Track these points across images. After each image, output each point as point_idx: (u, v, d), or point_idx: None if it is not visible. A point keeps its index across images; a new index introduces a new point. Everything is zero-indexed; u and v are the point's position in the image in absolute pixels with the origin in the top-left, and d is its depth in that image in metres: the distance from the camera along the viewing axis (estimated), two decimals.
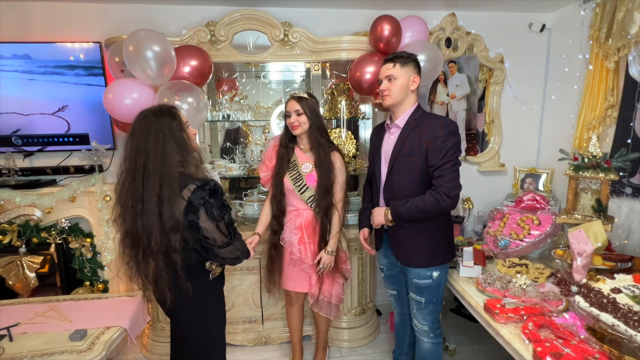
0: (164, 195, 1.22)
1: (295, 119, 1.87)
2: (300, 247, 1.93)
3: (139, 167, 1.24)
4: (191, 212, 1.25)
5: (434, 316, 1.78)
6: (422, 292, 1.75)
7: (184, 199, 1.24)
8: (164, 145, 1.26)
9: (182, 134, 1.33)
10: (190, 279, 1.31)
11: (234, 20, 2.28)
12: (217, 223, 1.29)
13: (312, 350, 2.35)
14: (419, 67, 1.70)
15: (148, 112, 1.32)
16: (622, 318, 1.18)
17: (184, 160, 1.31)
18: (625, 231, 2.08)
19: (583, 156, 1.88)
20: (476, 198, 2.87)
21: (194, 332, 1.45)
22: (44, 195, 2.37)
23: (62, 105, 2.54)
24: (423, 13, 2.66)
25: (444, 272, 1.75)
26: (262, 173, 2.04)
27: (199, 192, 1.26)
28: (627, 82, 2.17)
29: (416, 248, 1.71)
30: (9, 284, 2.47)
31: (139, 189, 1.24)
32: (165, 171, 1.24)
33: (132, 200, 1.25)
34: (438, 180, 1.58)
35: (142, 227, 1.25)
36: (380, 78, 1.72)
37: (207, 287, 1.44)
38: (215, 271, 1.44)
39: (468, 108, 2.92)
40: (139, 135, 1.27)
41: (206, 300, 1.44)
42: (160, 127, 1.27)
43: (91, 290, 2.55)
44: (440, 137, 1.58)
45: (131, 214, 1.26)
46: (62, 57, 2.47)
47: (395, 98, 1.68)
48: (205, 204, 1.27)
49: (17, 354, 1.53)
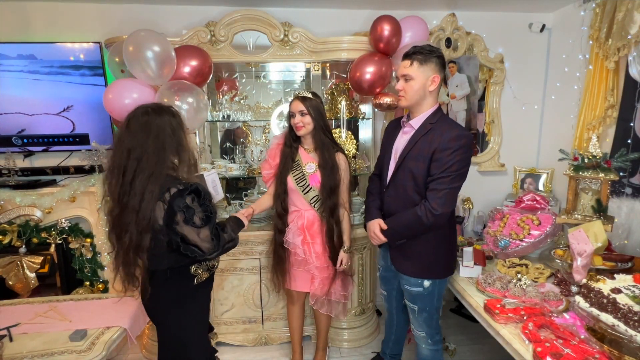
0: (146, 193, 1.19)
1: (299, 120, 1.86)
2: (304, 248, 1.93)
3: (132, 163, 1.21)
4: (170, 217, 1.22)
5: (430, 324, 1.75)
6: (414, 300, 1.73)
7: (164, 202, 1.22)
8: (163, 143, 1.23)
9: (181, 133, 1.30)
10: (172, 283, 1.28)
11: (234, 20, 2.28)
12: (197, 231, 1.24)
13: (312, 350, 2.35)
14: (442, 64, 1.56)
15: (148, 108, 1.28)
16: (622, 318, 1.18)
17: (179, 161, 1.28)
18: (625, 231, 2.08)
19: (583, 156, 1.88)
20: (476, 198, 2.87)
21: (172, 338, 1.40)
22: (44, 195, 2.37)
23: (67, 105, 2.54)
24: (423, 13, 2.66)
25: (437, 282, 1.69)
26: (265, 171, 2.04)
27: (178, 197, 1.22)
28: (627, 82, 2.17)
29: (414, 256, 1.68)
30: (9, 284, 2.47)
31: (127, 184, 1.21)
32: (157, 170, 1.22)
33: (120, 195, 1.23)
34: (430, 193, 1.53)
35: (125, 222, 1.23)
36: (397, 75, 1.62)
37: (190, 292, 1.39)
38: (201, 276, 1.39)
39: (468, 108, 2.92)
40: (137, 131, 1.23)
41: (187, 306, 1.38)
42: (162, 124, 1.25)
43: (91, 290, 2.55)
44: (450, 149, 1.49)
45: (117, 208, 1.24)
46: (66, 57, 2.48)
47: (410, 100, 1.59)
48: (184, 209, 1.23)
49: (17, 354, 1.53)
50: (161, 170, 1.22)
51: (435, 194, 1.51)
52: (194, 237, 1.24)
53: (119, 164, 1.23)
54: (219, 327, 2.43)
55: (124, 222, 1.23)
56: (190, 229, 1.24)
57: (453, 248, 1.77)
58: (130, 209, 1.20)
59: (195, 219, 1.24)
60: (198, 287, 1.40)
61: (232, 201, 2.78)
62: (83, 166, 2.51)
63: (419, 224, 1.54)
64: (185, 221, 1.23)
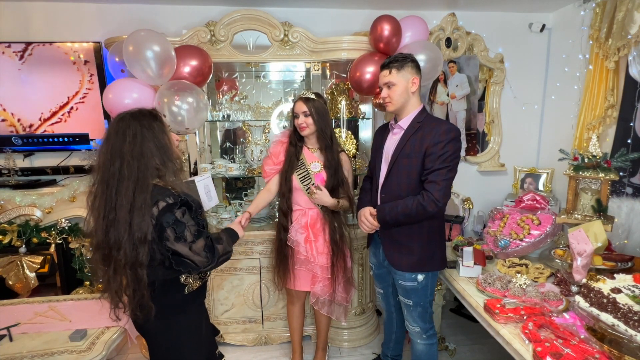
0: (135, 203, 1.12)
1: (303, 120, 1.88)
2: (307, 246, 1.94)
3: (113, 172, 1.14)
4: (159, 233, 1.17)
5: (424, 318, 1.78)
6: (409, 295, 1.75)
7: (152, 217, 1.14)
8: (142, 147, 1.16)
9: (164, 136, 1.23)
10: (160, 294, 1.21)
11: (234, 20, 2.28)
12: (190, 246, 1.19)
13: (312, 350, 2.35)
14: (417, 67, 1.67)
15: (125, 114, 1.21)
16: (622, 318, 1.18)
17: (162, 166, 1.21)
18: (625, 231, 2.08)
19: (583, 156, 1.88)
20: (476, 198, 2.87)
21: (162, 351, 1.34)
22: (44, 195, 2.37)
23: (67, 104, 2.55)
24: (423, 13, 2.66)
25: (430, 276, 1.74)
26: (267, 167, 2.04)
27: (167, 213, 1.16)
28: (627, 82, 2.17)
29: (407, 251, 1.71)
30: (9, 284, 2.47)
31: (112, 196, 1.14)
32: (141, 176, 1.14)
33: (105, 210, 1.15)
34: (430, 185, 1.57)
35: (113, 238, 1.14)
36: (380, 85, 1.72)
37: (181, 302, 1.32)
38: (192, 285, 1.33)
39: (468, 108, 2.92)
40: (114, 138, 1.16)
41: (178, 317, 1.32)
42: (139, 127, 1.18)
43: (91, 290, 2.55)
44: (441, 142, 1.57)
45: (102, 225, 1.16)
46: (65, 57, 2.48)
47: (396, 104, 1.67)
48: (175, 225, 1.16)
49: (17, 354, 1.52)
50: (145, 175, 1.15)
51: (435, 185, 1.56)
52: (187, 252, 1.19)
53: (102, 175, 1.16)
54: (219, 327, 2.41)
55: (113, 239, 1.14)
56: (182, 245, 1.18)
57: (444, 241, 1.81)
58: (121, 222, 1.12)
59: (187, 234, 1.18)
60: (189, 297, 1.34)
61: (232, 201, 2.78)
62: (83, 166, 2.51)
63: (422, 212, 1.57)
64: (177, 238, 1.17)
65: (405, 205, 1.60)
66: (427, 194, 1.56)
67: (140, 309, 1.21)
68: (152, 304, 1.20)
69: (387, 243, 1.77)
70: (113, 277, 1.19)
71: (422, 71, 1.72)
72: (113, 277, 1.19)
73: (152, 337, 1.36)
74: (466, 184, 2.98)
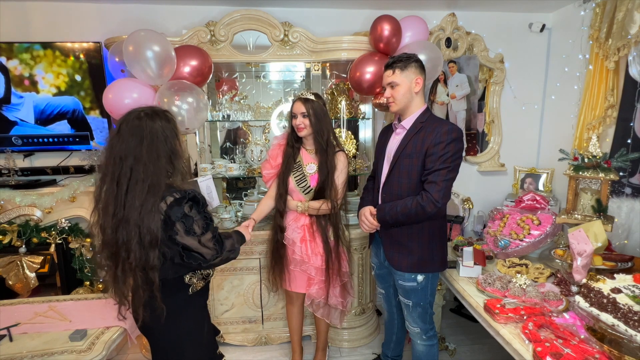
0: (146, 206, 1.12)
1: (301, 121, 1.87)
2: (302, 246, 1.94)
3: (126, 171, 1.13)
4: (169, 228, 1.17)
5: (424, 319, 1.78)
6: (408, 295, 1.75)
7: (160, 212, 1.15)
8: (158, 150, 1.16)
9: (176, 140, 1.24)
10: (165, 295, 1.22)
11: (234, 20, 2.28)
12: (199, 239, 1.20)
13: (312, 350, 2.35)
14: (421, 67, 1.67)
15: (140, 112, 1.20)
16: (622, 318, 1.18)
17: (173, 169, 1.22)
18: (625, 231, 2.08)
19: (583, 156, 1.88)
20: (476, 198, 2.87)
21: (164, 351, 1.35)
22: (44, 195, 2.37)
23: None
24: (423, 13, 2.66)
25: (430, 277, 1.73)
26: (265, 171, 2.03)
27: (176, 206, 1.17)
28: (627, 82, 2.18)
29: (408, 252, 1.71)
30: (9, 284, 2.47)
31: (122, 195, 1.13)
32: (155, 180, 1.14)
33: (114, 207, 1.14)
34: (429, 186, 1.57)
35: (122, 238, 1.14)
36: (383, 85, 1.71)
37: (185, 303, 1.32)
38: (196, 285, 1.34)
39: (468, 108, 2.92)
40: (129, 136, 1.15)
41: (182, 317, 1.32)
42: (155, 130, 1.18)
43: (91, 290, 2.55)
44: (442, 143, 1.56)
45: (111, 223, 1.15)
46: (67, 56, 2.49)
47: (400, 104, 1.67)
48: (183, 219, 1.17)
49: (17, 354, 1.52)
50: (159, 180, 1.15)
51: (435, 186, 1.56)
52: (196, 245, 1.20)
53: (112, 172, 1.15)
54: (219, 327, 2.39)
55: (122, 239, 1.14)
56: (191, 239, 1.19)
57: (444, 242, 1.80)
58: (131, 223, 1.12)
59: (195, 228, 1.20)
60: (193, 297, 1.34)
61: (232, 201, 2.78)
62: (83, 166, 2.51)
63: (421, 212, 1.57)
64: (186, 232, 1.18)
65: (404, 205, 1.60)
66: (427, 194, 1.56)
67: (150, 310, 1.22)
68: (164, 305, 1.21)
69: (387, 243, 1.77)
70: (120, 276, 1.19)
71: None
72: (121, 276, 1.19)
73: (155, 337, 1.37)
74: (466, 184, 2.98)
